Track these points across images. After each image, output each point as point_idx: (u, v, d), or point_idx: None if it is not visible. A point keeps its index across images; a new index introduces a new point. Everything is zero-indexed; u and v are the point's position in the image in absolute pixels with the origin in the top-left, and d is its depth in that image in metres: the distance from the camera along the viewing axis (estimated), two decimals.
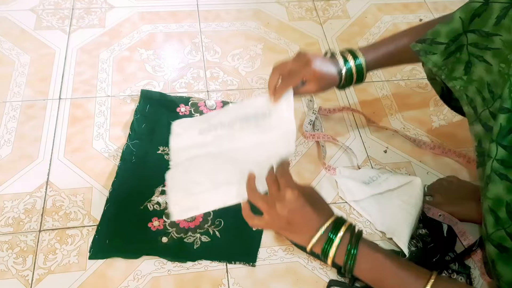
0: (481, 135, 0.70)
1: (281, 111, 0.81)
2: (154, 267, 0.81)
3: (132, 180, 0.92)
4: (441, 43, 0.74)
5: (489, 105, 0.69)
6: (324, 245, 0.65)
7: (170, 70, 1.14)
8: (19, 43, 1.17)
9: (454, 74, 0.75)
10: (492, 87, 0.69)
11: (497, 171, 0.63)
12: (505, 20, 0.66)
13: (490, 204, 0.64)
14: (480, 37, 0.70)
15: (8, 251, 0.82)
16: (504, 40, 0.67)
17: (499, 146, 0.63)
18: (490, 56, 0.70)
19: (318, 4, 1.36)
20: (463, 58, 0.74)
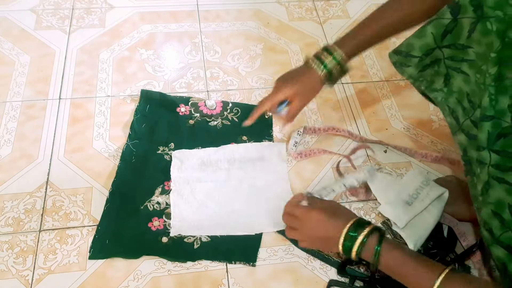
0: (465, 144, 0.74)
1: (275, 158, 0.97)
2: (154, 267, 0.81)
3: (132, 180, 0.92)
4: (415, 57, 0.77)
5: (470, 114, 0.72)
6: (344, 242, 0.71)
7: (170, 70, 1.14)
8: (19, 43, 1.17)
9: (434, 86, 0.78)
10: (471, 96, 0.72)
11: (494, 176, 0.65)
12: (474, 34, 0.69)
13: (493, 208, 0.65)
14: (455, 50, 0.74)
15: (8, 251, 0.82)
16: (476, 52, 0.70)
17: (492, 152, 0.65)
18: (467, 67, 0.73)
19: (318, 4, 1.36)
20: (441, 71, 0.77)
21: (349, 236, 0.71)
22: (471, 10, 0.69)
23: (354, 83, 1.15)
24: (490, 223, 0.66)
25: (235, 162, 0.96)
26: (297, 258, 0.84)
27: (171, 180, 0.92)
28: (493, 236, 0.65)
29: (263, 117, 1.05)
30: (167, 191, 0.91)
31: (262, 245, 0.85)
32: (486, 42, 0.68)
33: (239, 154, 0.97)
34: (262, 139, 1.01)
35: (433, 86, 0.79)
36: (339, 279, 0.81)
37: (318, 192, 0.86)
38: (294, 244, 0.85)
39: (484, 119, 0.66)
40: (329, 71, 0.84)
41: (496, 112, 0.65)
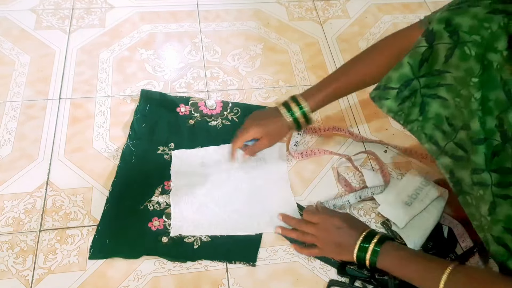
0: (451, 166, 0.75)
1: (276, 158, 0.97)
2: (154, 267, 0.81)
3: (132, 180, 0.92)
4: (393, 88, 0.78)
5: (452, 137, 0.74)
6: (357, 253, 0.76)
7: (170, 70, 1.14)
8: (19, 43, 1.17)
9: (410, 118, 0.80)
10: (451, 120, 0.74)
11: (498, 195, 0.66)
12: (452, 59, 0.70)
13: (503, 225, 0.66)
14: (431, 77, 0.75)
15: (8, 251, 0.82)
16: (455, 77, 0.71)
17: (492, 173, 0.67)
18: (444, 92, 0.74)
19: (318, 4, 1.36)
20: (417, 101, 0.78)
21: (362, 247, 0.76)
22: (447, 36, 0.70)
23: None
24: (504, 239, 0.67)
25: (235, 162, 0.96)
26: (297, 258, 0.84)
27: (171, 180, 0.92)
28: (509, 250, 0.66)
29: None
30: (167, 191, 0.91)
31: (262, 245, 0.85)
32: (465, 68, 0.69)
33: (239, 154, 0.97)
34: None
35: (409, 118, 0.80)
36: (339, 279, 0.81)
37: (332, 202, 0.89)
38: (294, 242, 0.85)
39: (478, 142, 0.67)
40: (296, 119, 0.88)
41: (487, 133, 0.67)
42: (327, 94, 0.89)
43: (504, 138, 0.65)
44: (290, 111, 0.88)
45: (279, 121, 0.88)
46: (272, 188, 0.93)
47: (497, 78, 0.65)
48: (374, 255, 0.75)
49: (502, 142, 0.65)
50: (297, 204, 0.90)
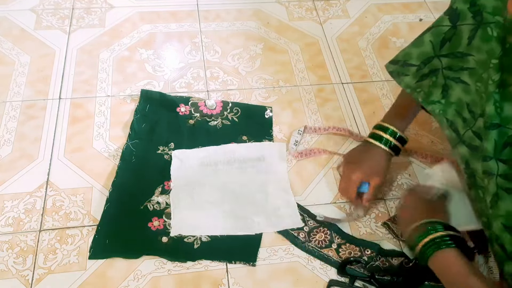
0: (467, 157, 0.72)
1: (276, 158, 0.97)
2: (154, 267, 0.81)
3: (132, 180, 0.92)
4: (413, 65, 0.77)
5: (471, 125, 0.71)
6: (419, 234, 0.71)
7: (170, 70, 1.14)
8: (19, 43, 1.17)
9: (431, 98, 0.77)
10: (472, 106, 0.71)
11: (503, 187, 0.64)
12: (475, 40, 0.68)
13: (503, 221, 0.64)
14: (454, 59, 0.72)
15: (8, 251, 0.82)
16: (477, 60, 0.69)
17: (499, 162, 0.64)
18: (467, 76, 0.71)
19: (318, 4, 1.36)
20: (439, 82, 0.76)
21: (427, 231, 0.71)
22: (470, 17, 0.68)
23: (354, 83, 1.15)
24: (502, 238, 0.65)
25: (235, 162, 0.96)
26: (297, 258, 0.84)
27: (171, 180, 0.92)
28: (505, 252, 0.64)
29: (263, 117, 1.05)
30: (167, 191, 0.91)
31: (262, 245, 0.85)
32: (487, 49, 0.67)
33: (239, 154, 0.97)
34: (262, 139, 1.01)
35: (430, 98, 0.78)
36: (339, 279, 0.81)
37: None
38: (294, 244, 0.85)
39: (490, 127, 0.65)
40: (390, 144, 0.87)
41: (502, 120, 0.64)
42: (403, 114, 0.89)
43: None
44: (382, 139, 0.87)
45: (376, 154, 0.87)
46: (272, 188, 0.93)
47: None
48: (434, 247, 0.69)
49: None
50: (297, 204, 0.90)
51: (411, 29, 1.29)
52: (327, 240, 0.86)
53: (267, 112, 1.06)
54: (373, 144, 0.87)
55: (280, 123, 1.05)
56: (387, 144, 0.87)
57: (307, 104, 1.09)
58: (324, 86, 1.14)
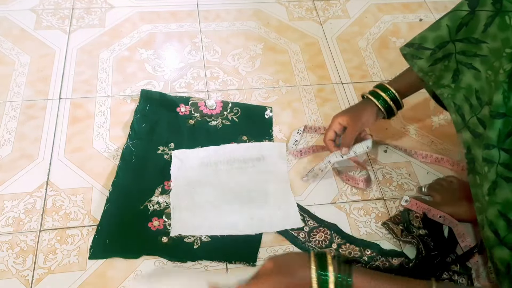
0: (469, 142, 0.73)
1: (276, 158, 0.97)
2: (154, 267, 0.81)
3: (132, 180, 0.92)
4: (428, 49, 0.77)
5: (477, 112, 0.71)
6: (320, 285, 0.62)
7: (170, 70, 1.14)
8: (19, 43, 1.17)
9: (442, 82, 0.77)
10: (480, 94, 0.71)
11: (502, 175, 0.64)
12: (491, 28, 0.68)
13: (499, 208, 0.64)
14: (468, 44, 0.72)
15: (8, 251, 0.82)
16: (491, 48, 0.69)
17: (501, 151, 0.64)
18: (478, 63, 0.71)
19: (318, 4, 1.36)
20: (451, 66, 0.76)
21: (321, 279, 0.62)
22: (490, 3, 0.68)
23: (354, 83, 1.15)
24: (496, 224, 0.65)
25: (235, 162, 0.96)
26: None
27: (171, 180, 0.92)
28: (498, 237, 0.65)
29: (263, 117, 1.05)
30: (167, 191, 0.91)
31: (262, 245, 0.85)
32: (502, 38, 0.66)
33: (239, 154, 0.97)
34: (262, 139, 1.01)
35: (440, 82, 0.78)
36: None
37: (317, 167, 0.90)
38: (294, 244, 0.85)
39: (496, 116, 0.64)
40: (384, 102, 0.88)
41: (508, 110, 0.64)
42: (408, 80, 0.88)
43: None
44: (379, 97, 0.87)
45: (365, 107, 0.88)
46: (272, 188, 0.93)
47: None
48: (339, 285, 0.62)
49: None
50: (297, 204, 0.90)
51: (411, 29, 1.29)
52: (327, 240, 0.86)
53: (267, 112, 1.06)
54: (370, 99, 0.88)
55: (280, 123, 1.05)
56: (382, 102, 0.88)
57: (307, 104, 1.09)
58: (324, 86, 1.14)
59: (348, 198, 0.93)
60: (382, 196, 0.94)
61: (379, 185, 0.96)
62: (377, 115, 0.89)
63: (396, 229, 0.87)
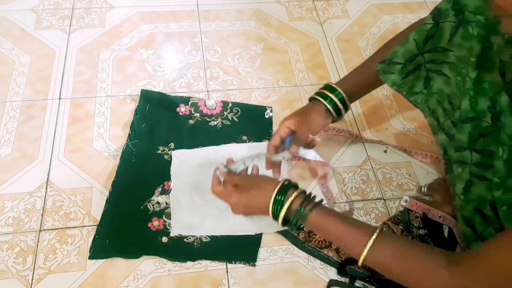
0: (445, 144, 0.76)
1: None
2: (154, 267, 0.81)
3: (132, 180, 0.92)
4: (398, 63, 0.79)
5: (450, 115, 0.75)
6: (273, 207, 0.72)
7: (170, 70, 1.14)
8: (19, 43, 1.17)
9: (414, 90, 0.81)
10: (451, 98, 0.75)
11: (475, 174, 0.68)
12: (456, 37, 0.71)
13: (475, 205, 0.69)
14: (436, 53, 0.75)
15: (8, 251, 0.82)
16: (457, 56, 0.72)
17: (473, 152, 0.68)
18: (447, 70, 0.75)
19: (318, 4, 1.36)
20: (421, 74, 0.79)
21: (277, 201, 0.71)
22: (453, 15, 0.71)
23: None
24: (473, 219, 0.69)
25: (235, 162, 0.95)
26: (297, 258, 0.84)
27: (171, 180, 0.92)
28: (475, 232, 0.69)
29: (263, 117, 1.05)
30: (167, 191, 0.91)
31: (262, 245, 0.85)
32: (467, 47, 0.70)
33: (239, 154, 0.97)
34: (262, 139, 1.01)
35: (413, 90, 0.81)
36: (339, 279, 0.81)
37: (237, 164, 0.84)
38: (294, 244, 0.85)
39: (465, 121, 0.68)
40: (334, 104, 0.85)
41: (477, 113, 0.67)
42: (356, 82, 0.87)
43: (494, 120, 0.66)
44: (327, 98, 0.85)
45: (313, 109, 0.86)
46: None
47: (496, 60, 0.65)
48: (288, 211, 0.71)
49: (491, 123, 0.66)
50: None
51: None
52: (327, 240, 0.86)
53: (267, 112, 1.06)
54: (317, 101, 0.86)
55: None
56: (330, 103, 0.85)
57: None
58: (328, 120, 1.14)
59: (348, 198, 0.93)
60: (382, 196, 0.94)
61: (379, 185, 0.96)
62: (325, 116, 0.86)
63: (396, 229, 0.87)
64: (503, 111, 0.64)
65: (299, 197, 0.71)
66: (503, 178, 0.64)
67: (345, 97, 0.85)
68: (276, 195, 0.71)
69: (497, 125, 0.65)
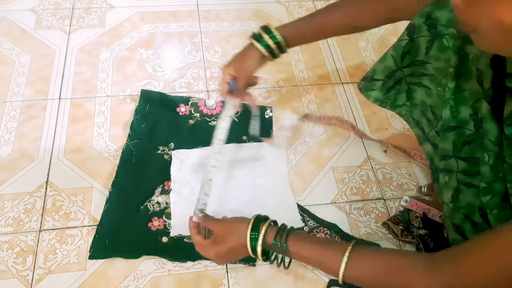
0: (431, 154, 0.78)
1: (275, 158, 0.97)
2: (154, 267, 0.81)
3: (132, 180, 0.92)
4: (378, 80, 0.81)
5: (434, 125, 0.77)
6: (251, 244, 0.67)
7: (170, 70, 1.14)
8: (19, 43, 1.17)
9: (397, 103, 0.84)
10: (434, 108, 0.77)
11: (462, 181, 0.70)
12: (432, 51, 0.73)
13: (464, 212, 0.70)
14: (414, 66, 0.77)
15: (8, 251, 0.82)
16: (435, 67, 0.74)
17: (458, 160, 0.70)
18: (427, 81, 0.77)
19: (318, 4, 1.36)
20: (403, 88, 0.82)
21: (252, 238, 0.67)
22: (426, 29, 0.73)
23: (354, 83, 1.15)
24: (463, 227, 0.70)
25: (235, 162, 0.96)
26: None
27: (171, 180, 0.92)
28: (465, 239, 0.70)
29: (264, 117, 1.05)
30: (167, 191, 0.91)
31: None
32: (445, 58, 0.72)
33: (239, 154, 0.97)
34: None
35: (396, 103, 0.84)
36: None
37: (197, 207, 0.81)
38: None
39: (448, 130, 0.70)
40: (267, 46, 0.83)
41: (459, 122, 0.69)
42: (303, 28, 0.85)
43: (477, 127, 0.67)
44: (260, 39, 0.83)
45: (248, 52, 0.85)
46: (272, 188, 0.93)
47: (473, 69, 0.67)
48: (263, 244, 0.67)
49: (475, 131, 0.67)
50: (297, 204, 0.90)
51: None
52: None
53: (267, 112, 1.06)
54: (252, 43, 0.85)
55: (280, 123, 1.05)
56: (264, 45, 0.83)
57: (307, 104, 1.09)
58: (324, 86, 1.14)
59: (348, 198, 0.93)
60: (382, 196, 0.94)
61: (379, 185, 0.96)
62: (261, 58, 0.85)
63: (396, 229, 0.87)
64: (485, 118, 0.65)
65: (270, 229, 0.67)
66: (489, 182, 0.65)
67: (280, 41, 0.83)
68: (251, 232, 0.68)
69: (480, 132, 0.66)
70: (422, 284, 0.57)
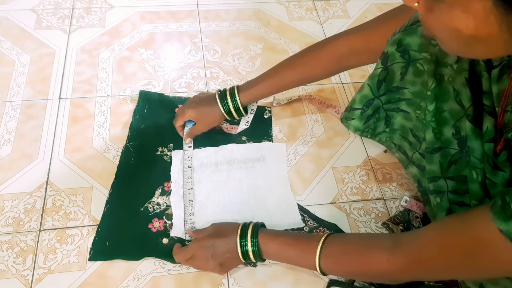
0: (418, 176, 0.80)
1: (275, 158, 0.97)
2: (154, 267, 0.81)
3: (131, 181, 0.92)
4: (357, 109, 0.84)
5: (417, 147, 0.79)
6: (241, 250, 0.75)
7: (170, 70, 1.14)
8: (19, 43, 1.17)
9: (377, 131, 0.87)
10: (415, 131, 0.79)
11: (454, 201, 0.71)
12: (407, 76, 0.76)
13: None
14: (391, 93, 0.80)
15: (8, 251, 0.82)
16: (412, 92, 0.76)
17: (447, 180, 0.71)
18: (405, 106, 0.79)
19: (318, 4, 1.36)
20: (381, 116, 0.84)
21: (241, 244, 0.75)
22: (399, 56, 0.75)
23: (354, 83, 1.15)
24: None
25: (235, 162, 0.96)
26: None
27: (171, 181, 0.92)
28: None
29: (263, 117, 1.05)
30: (167, 192, 0.91)
31: None
32: (421, 82, 0.74)
33: (239, 155, 0.97)
34: (262, 139, 1.01)
35: (376, 131, 0.87)
36: (339, 279, 0.81)
37: None
38: None
39: (433, 151, 0.72)
40: (228, 111, 0.92)
41: (443, 143, 0.71)
42: (262, 90, 0.92)
43: (461, 146, 0.68)
44: (224, 101, 0.91)
45: (213, 109, 0.92)
46: (272, 188, 0.93)
47: (450, 89, 0.69)
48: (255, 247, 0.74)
49: (459, 150, 0.69)
50: (297, 204, 0.91)
51: None
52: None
53: (267, 112, 1.06)
54: (217, 101, 0.92)
55: (279, 123, 1.05)
56: (225, 108, 0.92)
57: (307, 104, 1.09)
58: (323, 86, 1.14)
59: (348, 198, 0.93)
60: (382, 196, 0.94)
61: (379, 185, 0.96)
62: (222, 115, 0.93)
63: (396, 229, 0.87)
64: (468, 136, 0.66)
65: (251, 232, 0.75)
66: (480, 199, 0.66)
67: (240, 107, 0.91)
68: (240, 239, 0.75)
69: (466, 151, 0.68)
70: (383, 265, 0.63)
